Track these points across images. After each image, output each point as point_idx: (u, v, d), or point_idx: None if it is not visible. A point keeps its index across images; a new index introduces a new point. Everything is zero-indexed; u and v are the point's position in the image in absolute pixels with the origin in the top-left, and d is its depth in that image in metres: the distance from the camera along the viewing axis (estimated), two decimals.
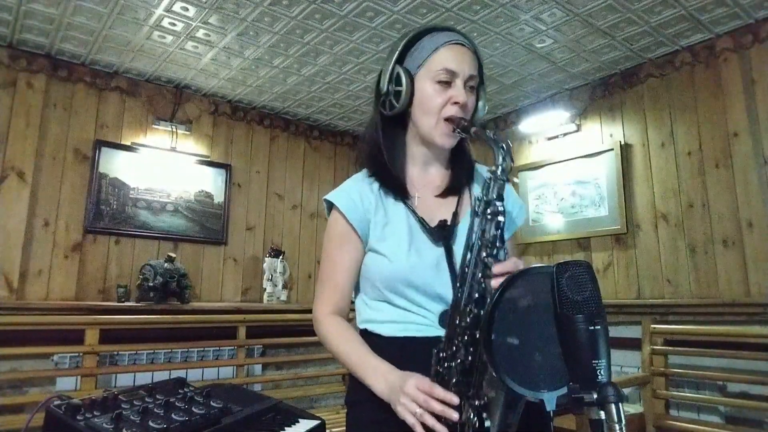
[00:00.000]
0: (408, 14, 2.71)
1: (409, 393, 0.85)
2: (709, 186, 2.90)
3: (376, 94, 1.11)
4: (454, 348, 0.86)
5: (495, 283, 0.83)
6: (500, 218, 0.87)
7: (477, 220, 0.89)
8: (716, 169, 2.87)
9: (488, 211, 0.88)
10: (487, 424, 0.77)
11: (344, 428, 1.07)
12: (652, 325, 2.77)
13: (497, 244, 0.87)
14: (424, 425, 0.83)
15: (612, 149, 3.35)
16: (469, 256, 0.89)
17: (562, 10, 2.67)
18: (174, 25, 2.84)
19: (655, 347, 2.72)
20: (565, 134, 3.67)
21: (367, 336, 1.04)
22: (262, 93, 3.78)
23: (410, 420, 0.85)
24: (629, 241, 3.23)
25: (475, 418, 0.78)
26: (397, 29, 2.85)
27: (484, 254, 0.87)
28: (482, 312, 0.84)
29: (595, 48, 3.06)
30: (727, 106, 2.86)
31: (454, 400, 0.82)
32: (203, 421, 1.00)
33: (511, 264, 0.85)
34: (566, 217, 3.59)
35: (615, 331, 3.05)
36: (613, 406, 0.63)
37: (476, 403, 0.79)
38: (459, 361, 0.84)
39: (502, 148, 0.90)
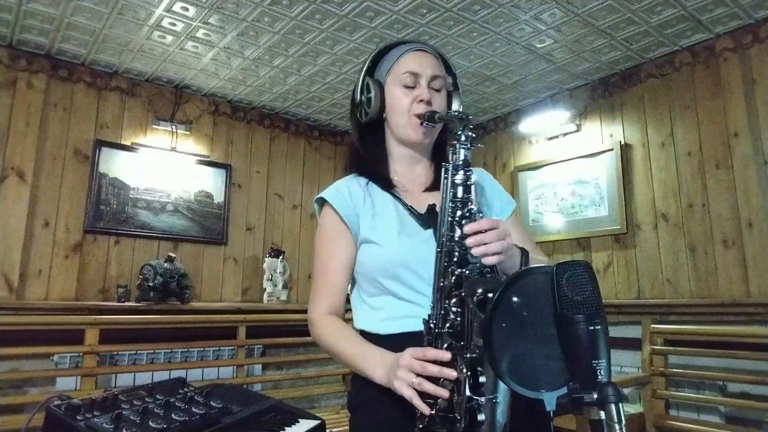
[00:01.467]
0: (408, 14, 2.71)
1: (405, 363, 0.85)
2: (709, 186, 2.90)
3: (351, 106, 1.20)
4: (443, 312, 0.87)
5: (471, 241, 0.87)
6: (469, 182, 0.93)
7: (447, 184, 0.94)
8: (716, 169, 2.87)
9: (456, 175, 0.93)
10: (482, 379, 0.76)
11: (344, 428, 1.07)
12: (652, 325, 2.77)
13: (470, 205, 0.91)
14: (423, 396, 0.82)
15: (612, 149, 3.35)
16: (444, 219, 0.92)
17: (562, 10, 2.67)
18: (174, 25, 2.85)
19: (655, 347, 2.72)
20: (565, 134, 3.67)
21: (364, 336, 1.04)
22: (262, 93, 3.78)
23: (407, 393, 0.83)
24: (629, 241, 3.24)
25: (469, 373, 0.77)
26: (396, 29, 2.85)
27: (458, 215, 0.90)
28: (464, 271, 0.87)
29: (595, 48, 3.06)
30: (727, 106, 2.86)
31: (446, 355, 0.82)
32: (203, 421, 1.00)
33: (486, 222, 0.88)
34: (566, 217, 3.59)
35: (615, 331, 3.05)
36: (613, 406, 0.63)
37: (469, 356, 0.78)
38: (448, 323, 0.85)
39: (461, 118, 0.96)
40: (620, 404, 0.64)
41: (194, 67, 3.38)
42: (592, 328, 0.67)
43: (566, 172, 3.62)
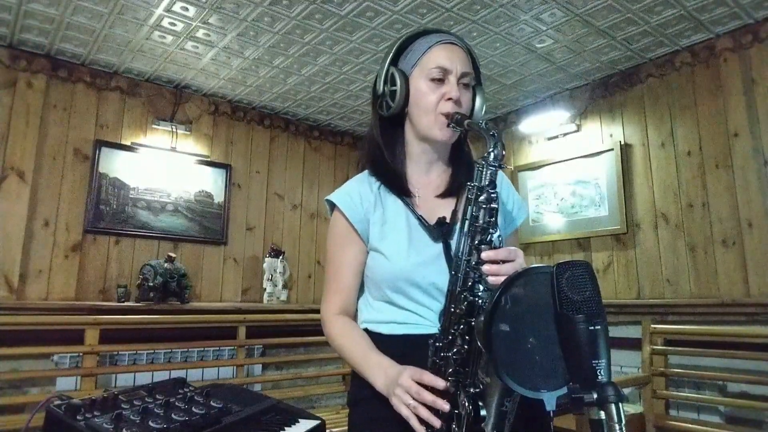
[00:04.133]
0: (408, 14, 2.71)
1: (403, 384, 0.86)
2: (709, 186, 2.90)
3: (373, 97, 1.13)
4: (450, 337, 0.86)
5: (487, 268, 0.84)
6: (493, 205, 0.88)
7: (470, 207, 0.90)
8: (716, 169, 2.87)
9: (481, 197, 0.89)
10: (483, 413, 0.77)
11: (344, 428, 1.07)
12: (652, 325, 2.77)
13: (491, 231, 0.88)
14: (420, 418, 0.83)
15: (612, 149, 3.35)
16: (462, 242, 0.89)
17: (562, 10, 2.67)
18: (174, 25, 2.84)
19: (655, 347, 2.72)
20: (565, 134, 3.67)
21: (368, 334, 1.05)
22: (262, 93, 3.77)
23: (404, 412, 0.85)
24: (629, 241, 3.23)
25: (471, 407, 0.77)
26: (396, 29, 2.85)
27: (477, 240, 0.87)
28: (476, 299, 0.84)
29: (595, 48, 3.06)
30: (727, 106, 2.86)
31: (439, 383, 0.82)
32: (203, 421, 1.00)
33: (503, 252, 0.86)
34: (566, 217, 3.59)
35: (615, 331, 3.05)
36: (613, 406, 0.63)
37: (471, 390, 0.79)
38: (455, 350, 0.85)
39: (493, 135, 0.91)
40: (620, 404, 0.64)
41: (194, 67, 3.38)
42: (592, 328, 0.67)
43: (566, 172, 3.62)
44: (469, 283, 0.86)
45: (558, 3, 2.60)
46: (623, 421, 0.63)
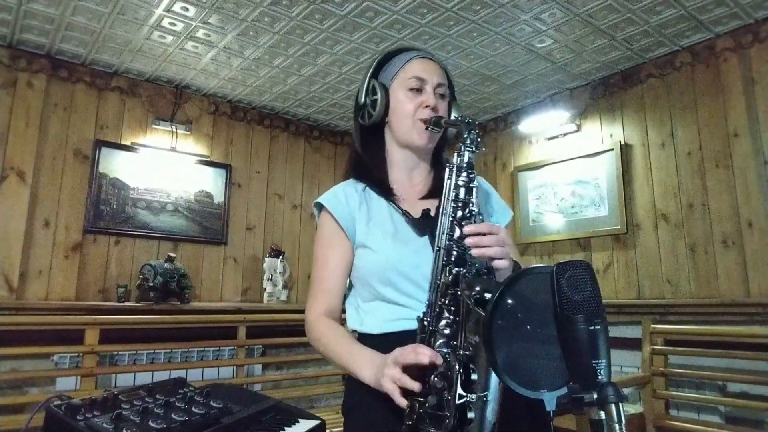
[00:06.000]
0: (408, 14, 2.71)
1: (392, 359, 0.85)
2: (709, 186, 2.90)
3: (355, 108, 1.20)
4: (438, 309, 0.88)
5: (470, 241, 0.88)
6: (473, 184, 0.94)
7: (450, 184, 0.95)
8: (716, 169, 2.87)
9: (460, 176, 0.94)
10: (474, 376, 0.76)
11: (343, 428, 1.07)
12: (652, 325, 2.77)
13: (471, 208, 0.93)
14: (413, 394, 0.82)
15: (612, 149, 3.35)
16: (444, 218, 0.93)
17: (562, 10, 2.67)
18: (174, 25, 2.85)
19: (655, 347, 2.72)
20: (565, 134, 3.67)
21: (357, 336, 1.05)
22: (262, 93, 3.78)
23: (389, 387, 0.84)
24: (629, 241, 3.23)
25: (462, 370, 0.77)
26: (396, 29, 2.85)
27: (458, 216, 0.92)
28: (462, 270, 0.88)
29: (595, 48, 3.06)
30: (727, 106, 2.86)
31: (438, 360, 0.82)
32: (203, 421, 1.00)
33: (485, 226, 0.89)
34: (566, 217, 3.59)
35: (615, 331, 3.05)
36: (613, 406, 0.63)
37: (461, 353, 0.78)
38: (443, 321, 0.86)
39: (468, 123, 0.97)
40: (620, 404, 0.63)
41: (194, 67, 3.38)
42: (592, 328, 0.67)
43: (566, 172, 3.62)
44: (453, 257, 0.89)
45: (558, 3, 2.60)
46: (623, 421, 0.63)
